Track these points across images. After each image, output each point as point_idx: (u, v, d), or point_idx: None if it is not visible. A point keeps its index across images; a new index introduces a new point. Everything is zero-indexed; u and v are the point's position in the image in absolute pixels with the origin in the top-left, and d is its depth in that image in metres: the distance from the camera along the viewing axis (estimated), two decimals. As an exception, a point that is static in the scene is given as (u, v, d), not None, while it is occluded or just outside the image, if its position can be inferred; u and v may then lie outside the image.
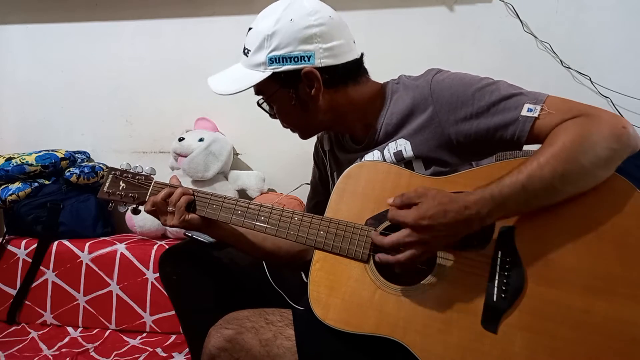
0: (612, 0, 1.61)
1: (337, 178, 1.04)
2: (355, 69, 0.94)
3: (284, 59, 0.88)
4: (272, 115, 0.98)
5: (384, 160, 0.92)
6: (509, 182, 0.73)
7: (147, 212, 0.98)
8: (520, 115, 0.79)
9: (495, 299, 0.75)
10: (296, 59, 0.88)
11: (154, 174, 1.03)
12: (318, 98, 0.91)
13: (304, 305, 1.02)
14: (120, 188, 1.00)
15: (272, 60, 0.88)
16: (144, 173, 1.02)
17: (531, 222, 0.76)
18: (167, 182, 1.00)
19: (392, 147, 0.92)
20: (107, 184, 1.01)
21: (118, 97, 1.99)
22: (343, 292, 0.84)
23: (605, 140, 0.71)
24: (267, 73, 0.89)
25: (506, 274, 0.75)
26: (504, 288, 0.75)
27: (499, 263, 0.76)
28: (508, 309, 0.74)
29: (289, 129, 1.01)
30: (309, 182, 1.64)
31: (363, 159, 0.96)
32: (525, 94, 0.81)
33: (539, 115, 0.78)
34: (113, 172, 1.02)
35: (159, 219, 0.97)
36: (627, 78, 1.61)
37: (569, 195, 0.74)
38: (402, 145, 0.90)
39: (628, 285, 0.70)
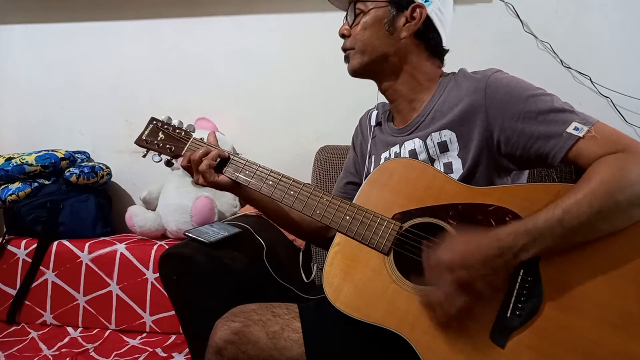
0: (612, 0, 1.62)
1: (373, 161, 1.04)
2: (438, 47, 0.99)
3: None
4: (349, 25, 0.99)
5: (427, 148, 0.93)
6: (544, 216, 0.72)
7: (183, 167, 1.01)
8: (565, 132, 0.79)
9: (509, 315, 0.75)
10: None
11: (194, 131, 1.05)
12: (406, 34, 0.95)
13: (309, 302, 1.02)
14: (159, 138, 1.04)
15: None
16: (184, 128, 1.04)
17: None
18: (205, 140, 1.02)
19: (435, 137, 0.92)
20: (146, 132, 1.05)
21: (118, 97, 2.00)
22: (357, 278, 0.85)
23: None
24: None
25: (525, 292, 0.75)
26: (520, 306, 0.74)
27: (519, 281, 0.76)
28: (520, 326, 0.74)
29: (346, 52, 1.00)
30: (309, 182, 1.64)
31: (403, 146, 0.97)
32: (576, 113, 0.81)
33: (583, 135, 0.77)
34: (154, 122, 1.05)
35: (192, 176, 1.00)
36: (627, 78, 1.61)
37: (604, 233, 0.73)
38: (447, 136, 0.90)
39: None
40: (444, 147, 0.91)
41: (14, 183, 1.74)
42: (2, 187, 1.73)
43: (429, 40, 0.97)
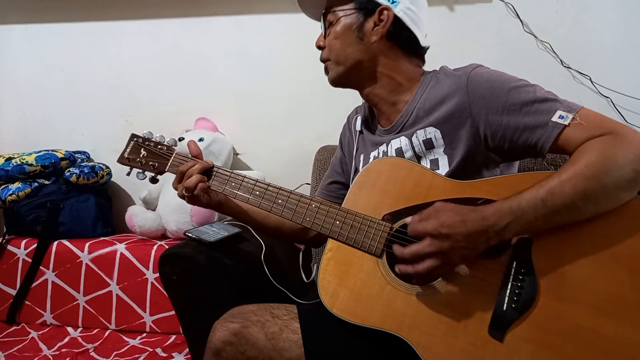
0: (612, 0, 1.61)
1: (362, 159, 1.04)
2: (415, 47, 0.99)
3: None
4: (323, 36, 1.01)
5: (412, 146, 0.93)
6: (528, 196, 0.73)
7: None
8: (550, 121, 0.79)
9: (505, 308, 0.75)
10: None
11: (176, 146, 1.04)
12: (376, 38, 0.95)
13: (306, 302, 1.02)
14: (141, 155, 1.02)
15: None
16: (166, 143, 1.03)
17: (549, 236, 0.75)
18: (189, 155, 1.01)
19: (421, 135, 0.92)
20: (127, 149, 1.03)
21: (118, 97, 2.00)
22: (352, 283, 0.84)
23: (631, 162, 0.71)
24: None
25: (519, 284, 0.75)
26: (515, 298, 0.75)
27: (512, 273, 0.76)
28: (517, 319, 0.74)
29: (325, 63, 1.03)
30: (309, 182, 1.64)
31: (390, 144, 0.97)
32: (560, 101, 0.81)
33: (569, 123, 0.78)
34: (135, 139, 1.03)
35: (176, 190, 1.00)
36: (627, 78, 1.61)
37: (591, 215, 0.73)
38: (432, 134, 0.91)
39: (638, 311, 0.70)
40: (429, 145, 0.91)
41: (14, 183, 1.73)
42: (2, 187, 1.73)
43: (402, 40, 0.97)
